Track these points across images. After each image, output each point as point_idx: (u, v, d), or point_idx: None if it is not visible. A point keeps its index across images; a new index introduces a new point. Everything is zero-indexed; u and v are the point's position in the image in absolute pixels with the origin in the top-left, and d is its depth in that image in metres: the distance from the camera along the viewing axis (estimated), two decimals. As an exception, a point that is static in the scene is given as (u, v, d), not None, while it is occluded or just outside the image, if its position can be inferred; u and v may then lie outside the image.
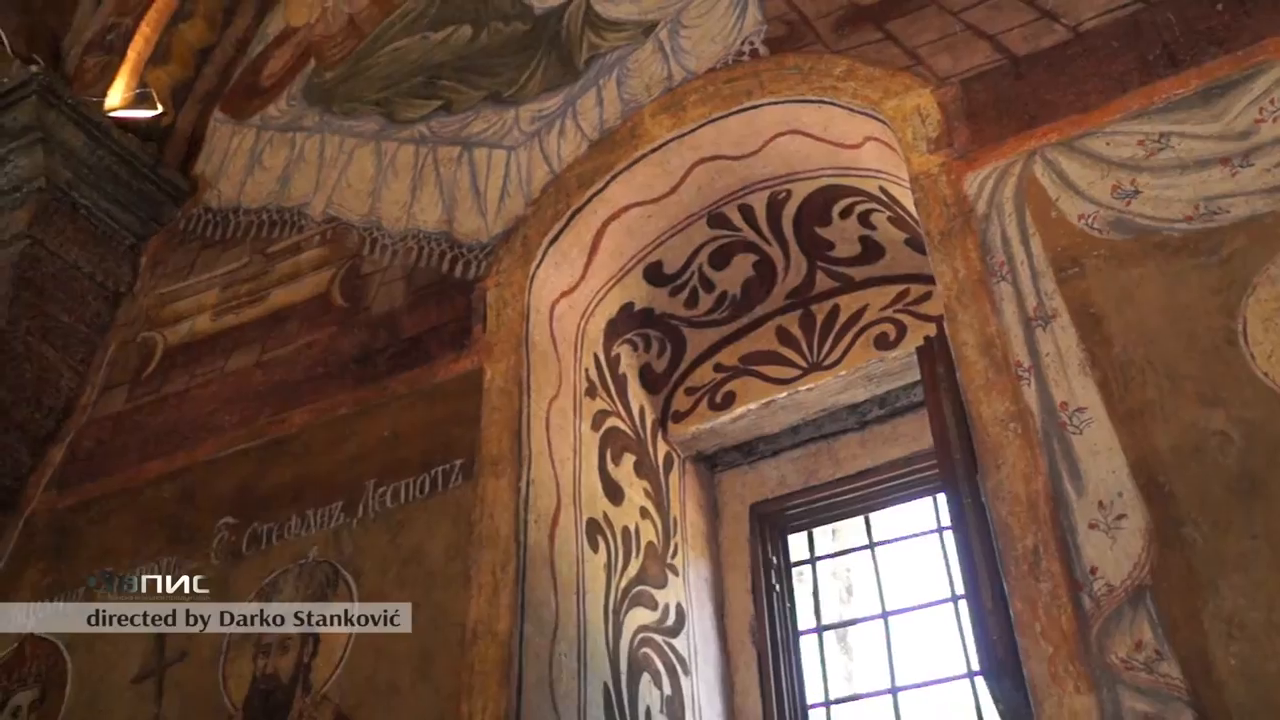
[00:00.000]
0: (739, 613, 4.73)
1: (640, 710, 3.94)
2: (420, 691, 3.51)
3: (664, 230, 4.45)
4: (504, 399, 3.95)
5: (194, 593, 3.98)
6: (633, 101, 4.44)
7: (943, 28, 3.87)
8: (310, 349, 4.59)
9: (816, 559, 4.96)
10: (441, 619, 3.61)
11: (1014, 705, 3.40)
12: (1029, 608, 2.79)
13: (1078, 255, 3.20)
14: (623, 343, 4.62)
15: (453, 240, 4.55)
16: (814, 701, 4.59)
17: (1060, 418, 3.00)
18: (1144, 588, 2.69)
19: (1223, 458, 2.76)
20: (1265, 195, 3.03)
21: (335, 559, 3.95)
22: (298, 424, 4.39)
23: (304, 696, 3.71)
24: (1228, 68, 3.27)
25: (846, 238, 4.51)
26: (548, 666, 3.56)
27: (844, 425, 4.85)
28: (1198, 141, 3.20)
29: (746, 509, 4.97)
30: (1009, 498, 2.96)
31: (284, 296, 4.90)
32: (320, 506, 4.10)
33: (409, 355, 4.30)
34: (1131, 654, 2.63)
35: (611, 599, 4.01)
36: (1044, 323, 3.15)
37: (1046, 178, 3.37)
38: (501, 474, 3.79)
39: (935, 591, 4.63)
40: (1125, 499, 2.81)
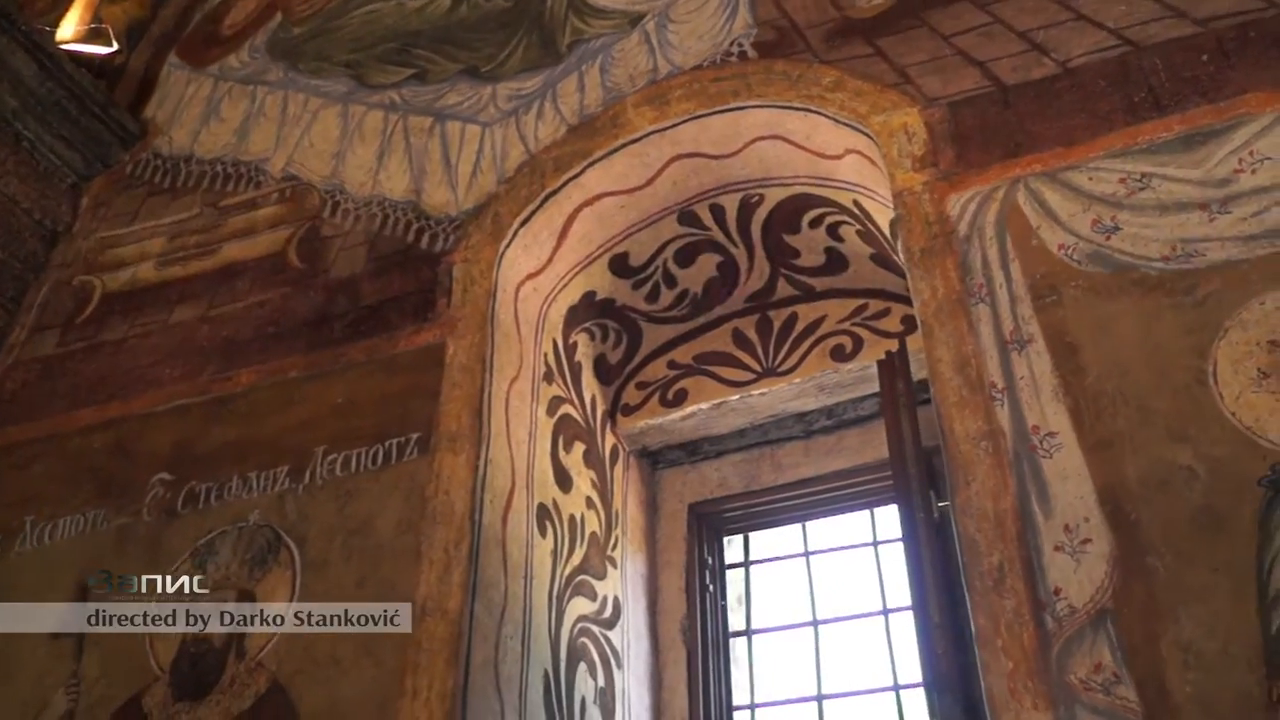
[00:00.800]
0: (671, 610, 4.74)
1: (576, 699, 3.92)
2: (363, 665, 3.44)
3: (634, 222, 4.45)
4: (466, 376, 3.90)
5: (194, 593, 3.81)
6: (615, 90, 4.42)
7: (933, 50, 3.93)
8: (261, 308, 4.48)
9: (751, 563, 5.00)
10: (389, 593, 3.55)
11: (950, 716, 3.49)
12: (991, 623, 2.85)
13: (1056, 284, 3.28)
14: (581, 330, 4.60)
15: (420, 211, 4.48)
16: (740, 704, 4.63)
17: (1031, 440, 3.06)
18: (1106, 611, 2.76)
19: (1188, 492, 2.84)
20: (1241, 243, 3.13)
21: (278, 524, 3.86)
22: (244, 383, 4.27)
23: (237, 662, 3.61)
24: (1210, 117, 3.38)
25: (813, 247, 4.56)
26: (494, 648, 3.53)
27: (789, 433, 4.90)
28: (1178, 185, 3.30)
29: (685, 508, 4.98)
30: (977, 514, 3.01)
31: (236, 252, 4.77)
32: (264, 470, 4.00)
33: (368, 323, 4.22)
34: (1090, 675, 2.70)
35: (556, 586, 3.99)
36: (1020, 347, 3.22)
37: (1029, 206, 3.44)
38: (459, 451, 3.74)
39: (866, 604, 4.72)
40: (1091, 524, 2.89)
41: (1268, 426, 2.85)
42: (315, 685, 3.46)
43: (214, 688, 3.59)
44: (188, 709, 3.58)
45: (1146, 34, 3.62)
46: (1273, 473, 2.79)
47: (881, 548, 4.82)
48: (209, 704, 3.56)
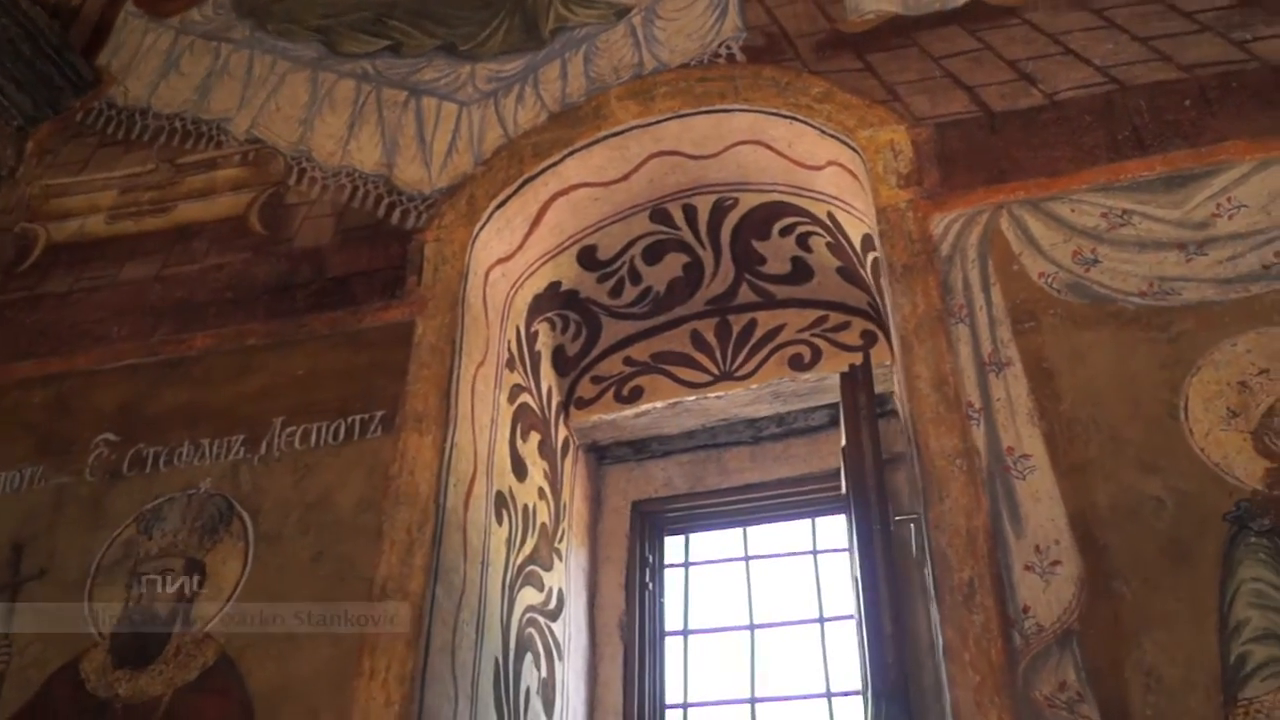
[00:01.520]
0: (610, 606, 4.75)
1: (521, 689, 3.90)
2: (319, 642, 3.38)
3: (607, 215, 4.43)
4: (435, 357, 3.85)
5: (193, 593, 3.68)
6: (599, 81, 4.40)
7: (922, 70, 3.99)
8: (219, 271, 4.36)
9: (691, 564, 5.03)
10: (347, 571, 3.49)
11: (895, 727, 3.56)
12: (960, 637, 2.91)
13: (1035, 310, 3.36)
14: (543, 320, 4.57)
15: (391, 186, 4.41)
16: (673, 702, 4.66)
17: (1005, 461, 3.14)
18: (1072, 632, 2.85)
19: (1156, 522, 2.94)
20: (1216, 285, 3.25)
21: (231, 493, 3.77)
22: (198, 347, 4.16)
23: (184, 631, 3.52)
24: (1190, 161, 3.50)
25: (780, 256, 4.59)
26: (452, 633, 3.50)
27: (738, 437, 4.95)
28: (1157, 224, 3.41)
29: (629, 505, 5.00)
30: (949, 529, 3.07)
31: (193, 212, 4.62)
32: (218, 437, 3.90)
33: (333, 295, 4.13)
34: (1055, 693, 2.78)
35: (509, 574, 3.96)
36: (998, 369, 3.29)
37: (1011, 232, 3.53)
38: (426, 432, 3.69)
39: (803, 611, 4.78)
40: (1062, 547, 2.97)
41: (1234, 464, 2.97)
42: (267, 660, 3.39)
43: (157, 657, 3.50)
44: (128, 677, 3.48)
45: (1132, 74, 3.73)
46: (1237, 509, 2.90)
47: (821, 557, 4.92)
48: (151, 673, 3.46)
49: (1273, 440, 2.98)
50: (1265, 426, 3.01)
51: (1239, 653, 2.72)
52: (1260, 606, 2.77)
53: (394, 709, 3.19)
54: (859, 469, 3.90)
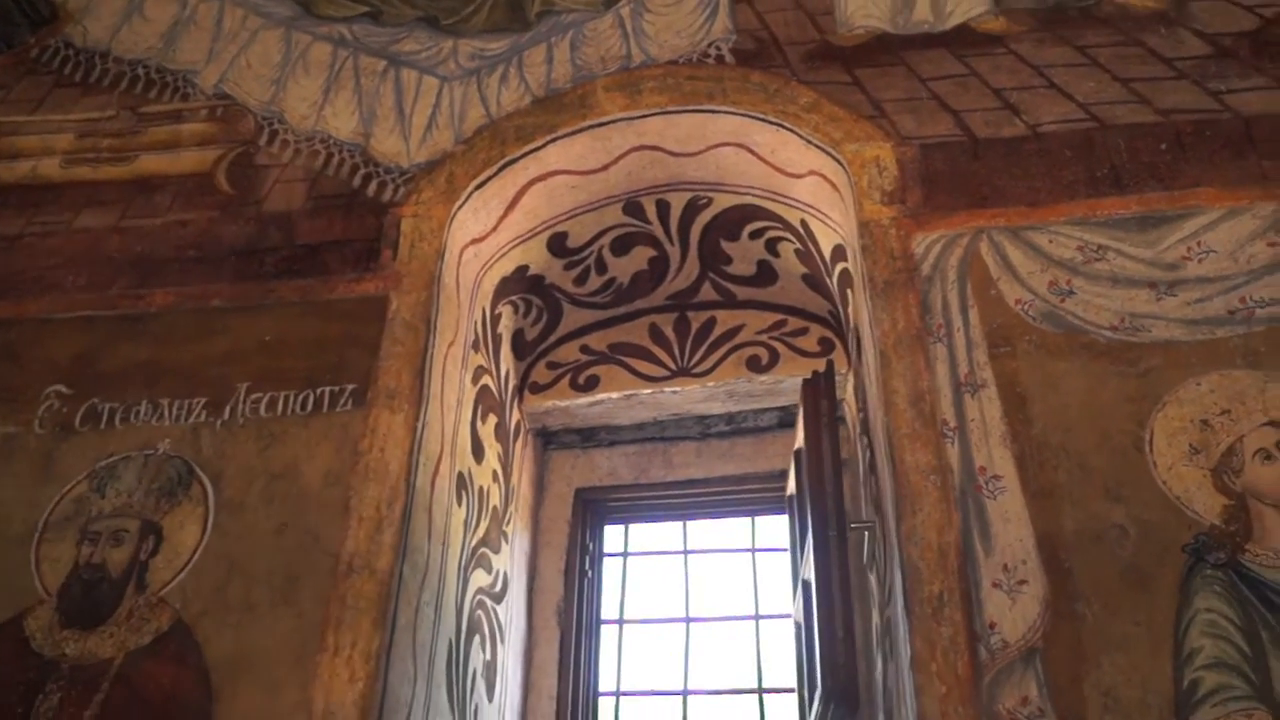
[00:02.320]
0: (548, 591, 4.78)
1: (469, 671, 3.91)
2: (280, 614, 3.34)
3: (581, 204, 4.43)
4: (409, 334, 3.81)
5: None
6: (585, 70, 4.39)
7: (909, 90, 4.07)
8: (183, 228, 4.24)
9: (630, 554, 5.08)
10: (312, 545, 3.45)
11: (840, 729, 3.66)
12: (928, 648, 3.00)
13: (1010, 336, 3.47)
14: (507, 303, 4.56)
15: (368, 156, 4.33)
16: (606, 689, 4.70)
17: (978, 480, 3.24)
18: (1035, 650, 2.96)
19: (1119, 549, 3.07)
20: (1183, 325, 3.39)
21: (191, 456, 3.69)
22: (159, 304, 4.05)
23: (137, 595, 3.45)
24: (1164, 203, 3.64)
25: (747, 257, 4.65)
26: (415, 613, 3.49)
27: (686, 433, 5.01)
28: (1130, 262, 3.54)
29: (572, 491, 5.03)
30: (921, 543, 3.16)
31: (155, 164, 4.48)
32: (179, 398, 3.81)
33: (303, 262, 4.06)
34: (1017, 707, 2.89)
35: (464, 556, 3.96)
36: (973, 390, 3.39)
37: (990, 257, 3.63)
38: (398, 410, 3.66)
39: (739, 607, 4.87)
40: (1028, 567, 3.08)
41: (1194, 499, 3.11)
42: (225, 629, 3.34)
43: (108, 618, 3.42)
44: (77, 637, 3.39)
45: (1112, 114, 3.86)
46: (1195, 542, 3.05)
47: (758, 555, 5.01)
48: (101, 634, 3.39)
49: (1231, 479, 3.14)
50: (1224, 465, 3.16)
51: (1192, 678, 2.86)
52: (1213, 636, 2.91)
53: (358, 686, 3.17)
54: (818, 474, 3.98)
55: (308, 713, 3.15)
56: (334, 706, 3.14)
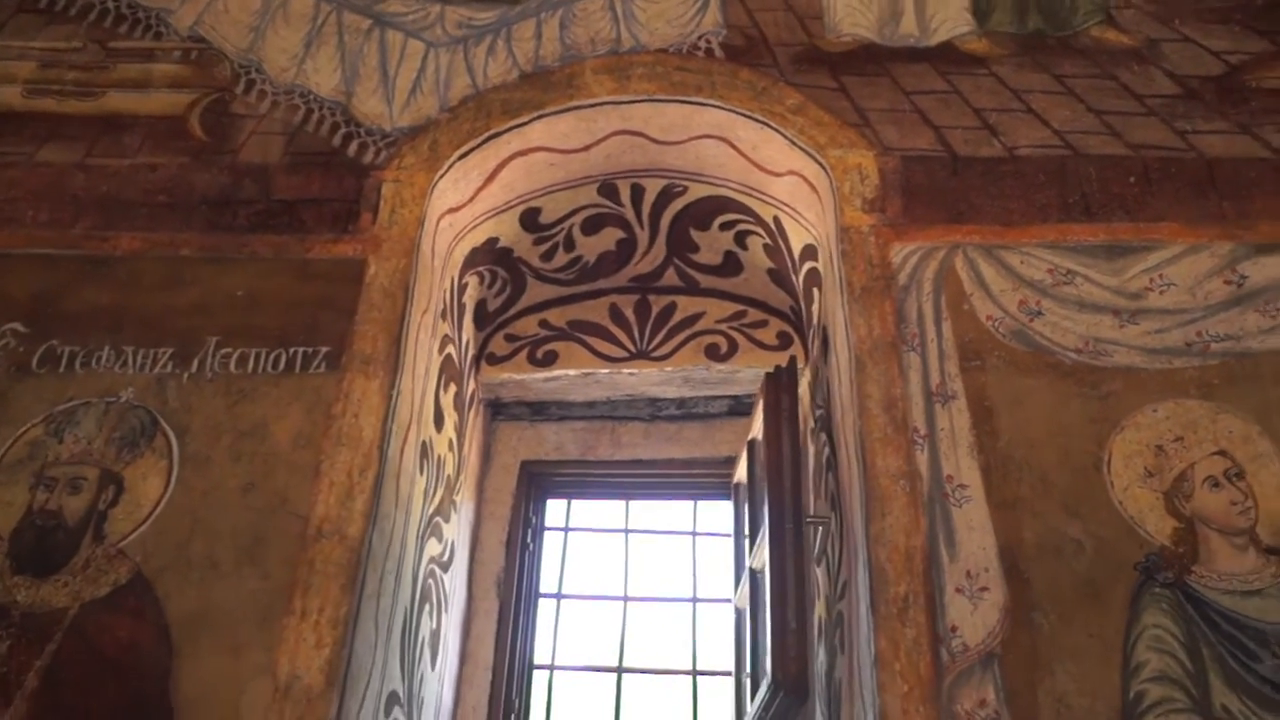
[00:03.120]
0: (489, 562, 4.81)
1: (419, 640, 3.92)
2: (245, 574, 3.31)
3: (558, 181, 4.44)
4: (387, 300, 3.79)
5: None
6: (574, 49, 4.39)
7: (893, 101, 4.17)
8: (153, 171, 4.13)
9: (571, 529, 5.12)
10: (280, 506, 3.42)
11: (783, 716, 3.77)
12: (892, 647, 3.12)
13: (981, 350, 3.59)
14: (473, 273, 4.55)
15: (349, 115, 4.27)
16: (541, 663, 4.75)
17: (945, 488, 3.36)
18: (994, 655, 3.09)
19: (1075, 563, 3.22)
20: (1144, 353, 3.56)
21: (156, 407, 3.62)
22: (125, 248, 3.94)
23: (95, 545, 3.38)
24: (1130, 234, 3.80)
25: (714, 247, 4.71)
26: (379, 580, 3.48)
27: (636, 413, 5.07)
28: (1096, 288, 3.69)
29: (518, 463, 5.06)
30: (889, 545, 3.27)
31: (125, 103, 4.34)
32: (144, 347, 3.73)
33: (279, 218, 3.99)
34: (975, 709, 3.02)
35: (420, 525, 3.96)
36: (944, 400, 3.51)
37: (965, 272, 3.75)
38: (373, 376, 3.64)
39: (676, 589, 4.96)
40: (990, 575, 3.21)
41: (1147, 519, 3.28)
42: (187, 586, 3.29)
43: (63, 567, 3.34)
44: (29, 584, 3.32)
45: (1085, 144, 4.01)
46: (1146, 560, 3.21)
47: (698, 539, 5.10)
48: (55, 583, 3.31)
49: (1182, 503, 3.31)
50: (1176, 490, 3.33)
51: (1137, 690, 3.03)
52: (1158, 650, 3.08)
53: (325, 652, 3.17)
54: (777, 468, 4.07)
55: (272, 676, 3.13)
56: (300, 671, 3.13)
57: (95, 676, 3.17)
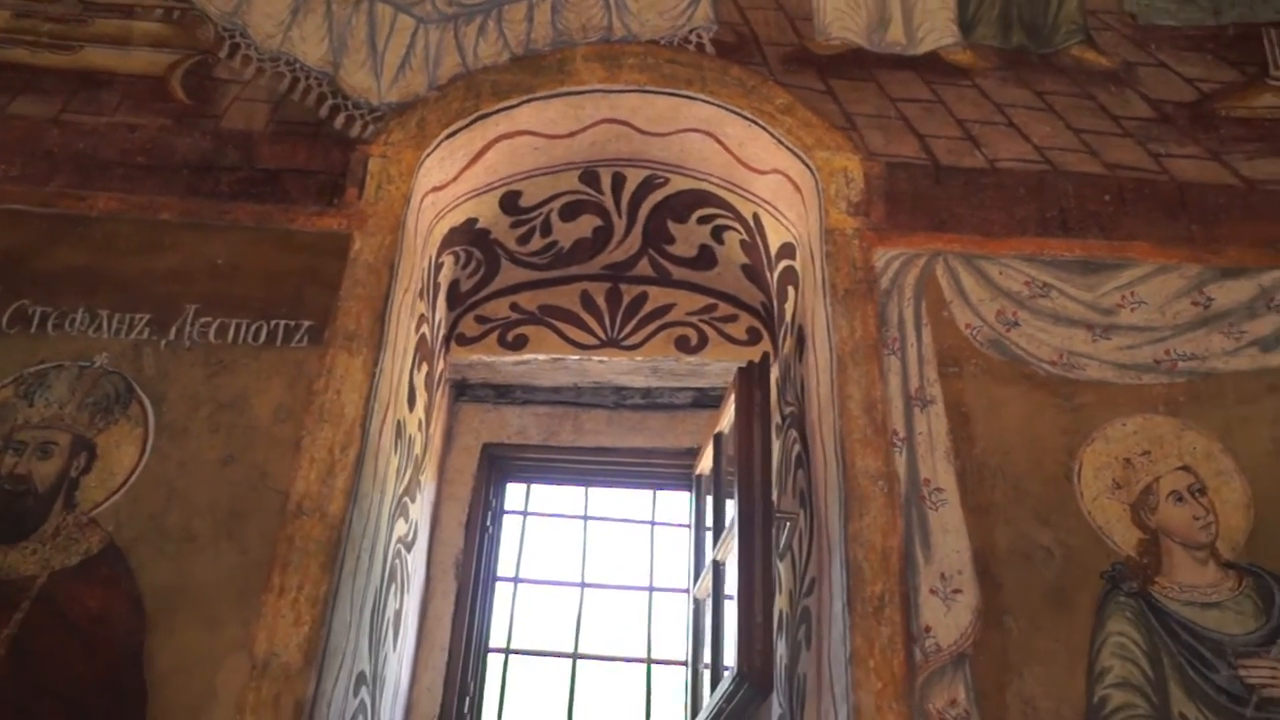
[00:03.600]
0: (449, 543, 4.80)
1: (385, 620, 3.91)
2: (223, 549, 3.27)
3: (541, 166, 4.43)
4: (372, 277, 3.76)
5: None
6: (565, 35, 4.37)
7: (879, 108, 4.23)
8: (132, 132, 4.04)
9: (530, 513, 5.13)
10: (259, 481, 3.38)
11: (745, 708, 3.83)
12: (867, 645, 3.19)
13: (959, 358, 3.68)
14: (449, 252, 4.53)
15: (336, 87, 4.21)
16: (496, 646, 4.76)
17: (921, 491, 3.44)
18: (965, 656, 3.18)
19: (1045, 570, 3.32)
20: (1114, 368, 3.67)
21: (131, 374, 3.55)
22: (102, 209, 3.85)
23: (66, 513, 3.31)
24: (1104, 251, 3.91)
25: (690, 240, 4.74)
26: (356, 560, 3.47)
27: (601, 401, 5.09)
28: (1071, 302, 3.80)
29: (479, 445, 5.05)
30: (866, 544, 3.34)
31: (103, 59, 4.23)
32: (121, 312, 3.66)
33: (262, 187, 3.93)
34: (946, 708, 3.10)
35: (391, 504, 3.94)
36: (923, 405, 3.58)
37: (945, 280, 3.83)
38: (356, 353, 3.61)
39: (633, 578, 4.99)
40: (964, 577, 3.30)
41: (1114, 530, 3.40)
42: (162, 559, 3.24)
43: (31, 534, 3.27)
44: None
45: (1064, 160, 4.10)
46: (1113, 570, 3.33)
47: (656, 529, 5.14)
48: (23, 550, 3.24)
49: (1147, 515, 3.43)
50: (1142, 502, 3.45)
51: (1101, 695, 3.14)
52: (1121, 657, 3.19)
53: (304, 629, 3.15)
54: (748, 463, 4.12)
55: (249, 652, 3.10)
56: (278, 648, 3.11)
57: (64, 647, 3.11)
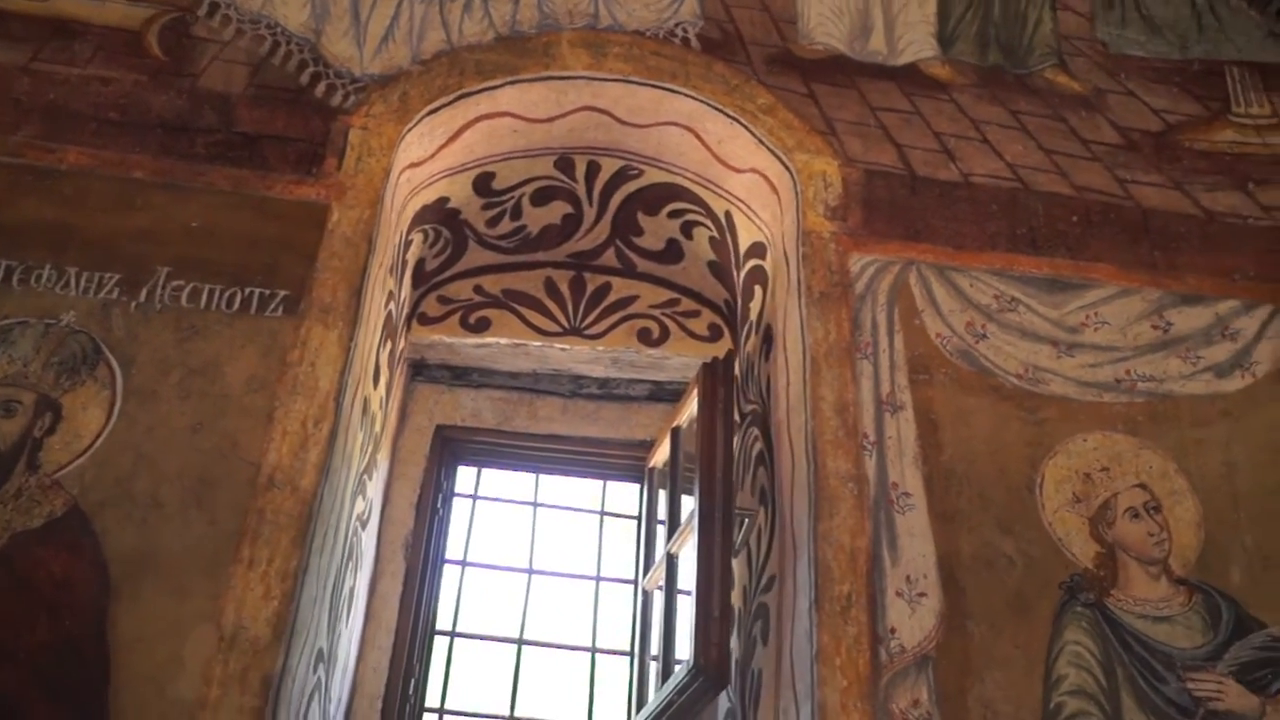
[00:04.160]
0: (398, 523, 4.75)
1: (342, 597, 3.86)
2: (191, 517, 3.21)
3: (518, 149, 4.41)
4: (349, 250, 3.71)
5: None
6: (551, 19, 4.35)
7: (859, 115, 4.28)
8: (105, 85, 3.92)
9: (479, 497, 5.10)
10: (230, 450, 3.32)
11: (697, 700, 3.86)
12: (834, 643, 3.25)
13: (929, 366, 3.75)
14: (419, 230, 4.49)
15: (318, 54, 4.14)
16: (442, 628, 4.73)
17: (890, 495, 3.51)
18: (928, 658, 3.26)
19: (1007, 577, 3.42)
20: (1077, 385, 3.78)
21: (100, 335, 3.46)
22: (72, 163, 3.74)
23: (28, 473, 3.21)
24: (1070, 270, 4.02)
25: (659, 233, 4.75)
26: (324, 536, 3.43)
27: (557, 388, 5.07)
28: (1037, 318, 3.90)
29: (433, 427, 5.00)
30: (835, 544, 3.40)
31: (76, 8, 4.09)
32: (89, 270, 3.55)
33: (239, 151, 3.85)
34: (909, 709, 3.18)
35: (354, 481, 3.90)
36: (893, 410, 3.65)
37: (918, 289, 3.90)
38: (332, 326, 3.56)
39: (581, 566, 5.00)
40: (928, 581, 3.37)
41: (1073, 542, 3.50)
42: (129, 524, 3.17)
43: (-9, 494, 3.19)
44: (-47, 508, 3.15)
45: (1035, 180, 4.21)
46: (1071, 580, 3.43)
47: (605, 519, 5.15)
48: (-17, 510, 3.16)
49: (1104, 530, 3.54)
50: (1100, 516, 3.56)
51: (1057, 701, 3.24)
52: (1077, 666, 3.30)
53: (274, 603, 3.11)
54: (710, 458, 4.13)
55: (217, 624, 3.05)
56: (246, 621, 3.07)
57: (25, 612, 3.02)
